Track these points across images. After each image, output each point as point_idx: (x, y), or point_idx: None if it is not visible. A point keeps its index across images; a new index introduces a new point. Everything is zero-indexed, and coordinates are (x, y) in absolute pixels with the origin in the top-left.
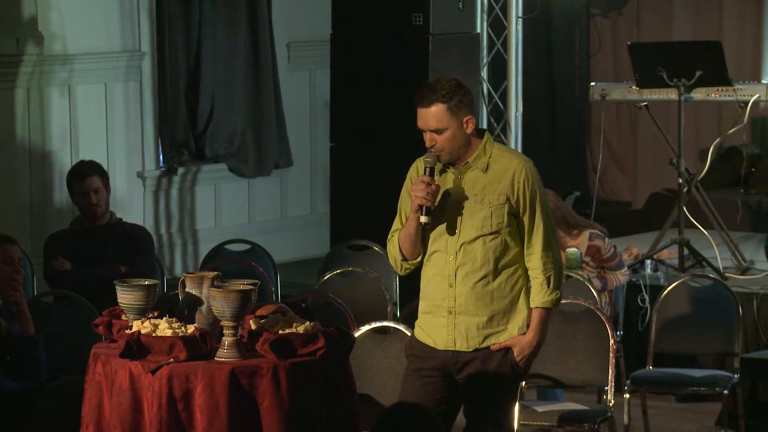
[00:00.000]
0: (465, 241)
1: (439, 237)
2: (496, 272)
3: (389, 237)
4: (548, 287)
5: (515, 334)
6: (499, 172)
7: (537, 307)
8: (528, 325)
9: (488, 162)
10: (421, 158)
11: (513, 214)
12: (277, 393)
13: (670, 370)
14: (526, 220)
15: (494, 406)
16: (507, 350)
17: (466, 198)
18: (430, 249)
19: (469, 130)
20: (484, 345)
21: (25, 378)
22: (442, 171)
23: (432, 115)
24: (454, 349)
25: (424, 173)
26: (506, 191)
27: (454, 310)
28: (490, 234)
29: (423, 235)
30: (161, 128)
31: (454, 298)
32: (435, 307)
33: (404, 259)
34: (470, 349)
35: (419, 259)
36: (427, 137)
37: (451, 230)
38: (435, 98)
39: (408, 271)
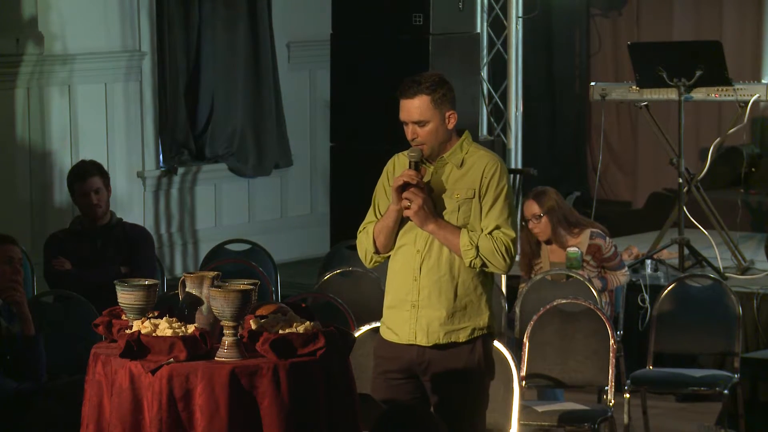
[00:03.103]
0: (432, 236)
1: (408, 231)
2: (461, 268)
3: (361, 229)
4: (472, 246)
5: (477, 334)
6: (471, 167)
7: (460, 233)
8: (489, 326)
9: (463, 158)
10: (399, 153)
11: (480, 208)
12: (277, 393)
13: (670, 370)
14: (488, 201)
15: (462, 405)
16: (473, 347)
17: (438, 193)
18: (398, 243)
19: (450, 126)
20: (445, 341)
21: (25, 378)
22: (417, 166)
23: (415, 107)
24: (415, 342)
25: (409, 167)
26: (475, 186)
27: (417, 304)
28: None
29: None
30: (161, 128)
31: (418, 292)
32: (399, 301)
33: (376, 251)
34: (430, 344)
35: (390, 252)
36: (409, 130)
37: None
38: (419, 90)
39: (376, 264)
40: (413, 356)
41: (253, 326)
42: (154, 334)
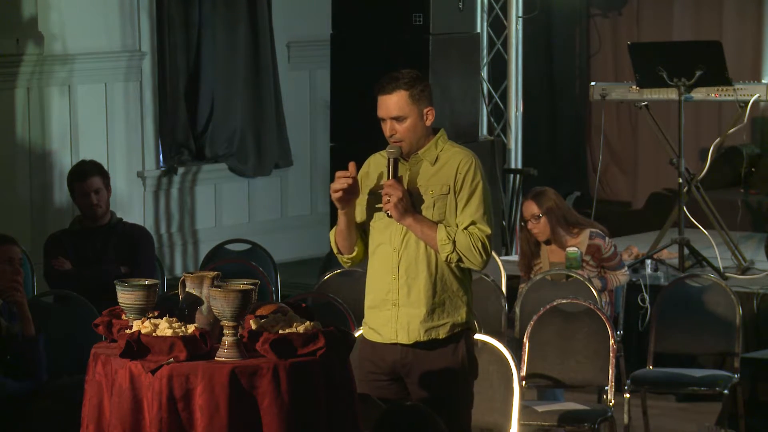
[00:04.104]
0: (408, 233)
1: (384, 230)
2: (438, 265)
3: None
4: (449, 241)
5: (457, 330)
6: (445, 164)
7: (437, 228)
8: (468, 321)
9: (438, 155)
10: (375, 154)
11: (455, 204)
12: (277, 393)
13: (670, 370)
14: (463, 197)
15: (447, 406)
16: (456, 347)
17: (413, 190)
18: (375, 242)
19: (428, 122)
20: (425, 338)
21: (25, 378)
22: (396, 162)
23: (394, 102)
24: (397, 341)
25: (388, 164)
26: (450, 181)
27: (397, 303)
28: None
29: (362, 229)
30: (161, 128)
31: (398, 290)
32: (380, 300)
33: (339, 252)
34: (411, 342)
35: (355, 254)
36: (387, 126)
37: (396, 222)
38: (397, 85)
39: (348, 264)
40: (396, 357)
41: (253, 326)
42: (154, 334)
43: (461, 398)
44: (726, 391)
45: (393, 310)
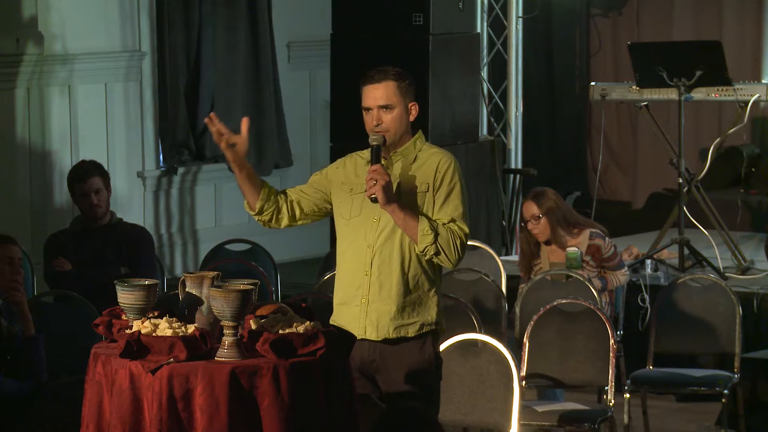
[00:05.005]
0: (384, 230)
1: (359, 226)
2: (412, 263)
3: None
4: (431, 232)
5: (426, 329)
6: (424, 163)
7: (419, 219)
8: (437, 322)
9: (416, 155)
10: (351, 154)
11: (433, 203)
12: (277, 393)
13: (670, 370)
14: (441, 195)
15: (415, 401)
16: (423, 343)
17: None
18: (347, 240)
19: (412, 117)
20: (394, 336)
21: (25, 378)
22: (379, 149)
23: (382, 91)
24: (365, 337)
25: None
26: (429, 180)
27: (367, 298)
28: None
29: (293, 202)
30: (161, 128)
31: (369, 286)
32: (350, 296)
33: (250, 209)
34: (380, 339)
35: (258, 209)
36: (373, 115)
37: (371, 219)
38: (386, 76)
39: (256, 214)
40: (364, 354)
41: (253, 326)
42: (154, 334)
43: (430, 395)
44: (726, 391)
45: (362, 306)
